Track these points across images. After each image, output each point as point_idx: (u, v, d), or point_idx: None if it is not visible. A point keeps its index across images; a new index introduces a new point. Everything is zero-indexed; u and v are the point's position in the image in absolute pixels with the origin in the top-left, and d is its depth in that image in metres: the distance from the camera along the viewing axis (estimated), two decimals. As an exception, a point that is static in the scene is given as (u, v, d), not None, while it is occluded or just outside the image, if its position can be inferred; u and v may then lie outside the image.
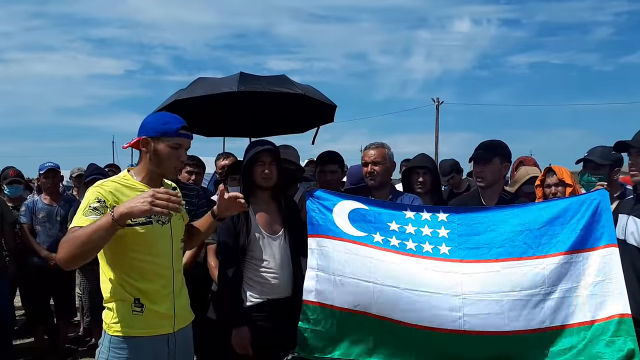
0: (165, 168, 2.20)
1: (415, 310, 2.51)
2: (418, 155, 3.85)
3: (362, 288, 2.62)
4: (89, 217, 1.95)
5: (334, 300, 2.66)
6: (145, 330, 2.12)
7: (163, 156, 2.16)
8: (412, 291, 2.53)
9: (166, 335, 2.18)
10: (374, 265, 2.63)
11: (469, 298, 2.47)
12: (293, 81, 3.62)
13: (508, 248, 2.55)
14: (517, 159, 5.43)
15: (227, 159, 4.35)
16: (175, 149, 2.17)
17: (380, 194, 3.22)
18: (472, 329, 2.44)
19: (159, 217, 2.15)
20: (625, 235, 2.49)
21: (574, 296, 2.43)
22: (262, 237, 2.79)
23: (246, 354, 2.72)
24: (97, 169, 4.69)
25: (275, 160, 2.85)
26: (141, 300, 2.11)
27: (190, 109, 3.66)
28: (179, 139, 2.17)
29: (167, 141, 2.15)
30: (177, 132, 2.16)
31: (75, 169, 6.25)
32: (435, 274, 2.56)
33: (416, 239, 2.66)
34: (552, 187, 3.29)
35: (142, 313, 2.11)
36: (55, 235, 4.72)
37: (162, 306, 2.16)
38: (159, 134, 2.15)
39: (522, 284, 2.47)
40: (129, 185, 2.16)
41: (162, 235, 2.19)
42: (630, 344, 2.30)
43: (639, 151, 2.45)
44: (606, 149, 3.47)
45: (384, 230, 2.71)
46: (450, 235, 2.64)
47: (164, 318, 2.17)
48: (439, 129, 30.17)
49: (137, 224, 2.09)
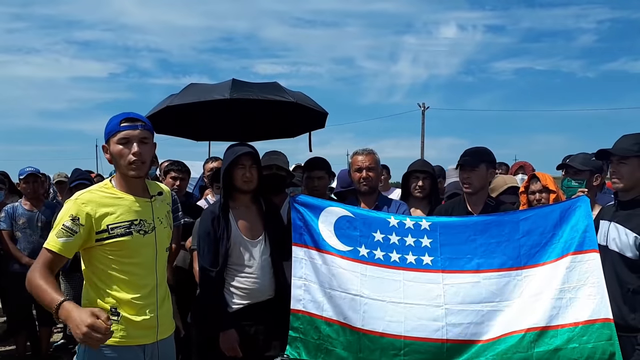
0: (122, 167, 2.13)
1: (401, 322, 2.62)
2: (418, 160, 3.90)
3: (349, 301, 2.71)
4: (60, 240, 2.01)
5: (322, 311, 2.73)
6: (121, 340, 2.09)
7: (116, 155, 2.12)
8: (397, 303, 2.66)
9: (143, 346, 2.14)
10: (359, 279, 2.73)
11: (451, 308, 2.59)
12: (285, 88, 3.63)
13: (488, 259, 2.64)
14: (516, 164, 5.52)
15: (216, 162, 4.35)
16: (124, 144, 2.10)
17: (368, 199, 3.28)
18: (455, 337, 2.54)
19: (140, 227, 2.13)
20: (607, 242, 2.52)
21: (556, 299, 2.48)
22: (242, 242, 2.80)
23: (236, 355, 2.74)
24: (82, 173, 4.63)
25: (256, 163, 2.85)
26: (118, 309, 2.08)
27: (181, 114, 3.66)
28: (123, 132, 2.10)
29: (114, 138, 2.11)
30: (119, 126, 2.10)
31: (56, 174, 6.17)
32: (418, 285, 2.67)
33: (400, 250, 2.75)
34: (537, 193, 3.36)
35: (118, 322, 2.07)
36: (37, 241, 4.64)
37: (141, 316, 2.13)
38: (107, 135, 2.14)
39: (503, 294, 2.57)
40: (109, 194, 2.14)
41: (144, 245, 2.16)
42: (611, 348, 2.34)
43: (619, 159, 2.49)
44: (587, 155, 3.55)
45: (368, 242, 2.79)
46: (433, 244, 2.73)
47: (142, 328, 2.14)
48: (424, 134, 30.36)
49: (115, 235, 2.07)
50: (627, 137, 2.55)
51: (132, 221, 2.12)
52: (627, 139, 2.54)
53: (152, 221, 2.20)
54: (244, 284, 2.80)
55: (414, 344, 2.57)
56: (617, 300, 2.42)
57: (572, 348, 2.40)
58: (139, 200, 2.18)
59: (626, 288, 2.42)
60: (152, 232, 2.18)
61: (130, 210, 2.14)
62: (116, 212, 2.10)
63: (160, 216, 2.26)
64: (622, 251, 2.44)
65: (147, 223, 2.17)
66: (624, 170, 2.48)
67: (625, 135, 2.57)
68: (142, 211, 2.18)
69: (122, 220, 2.10)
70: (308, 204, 2.89)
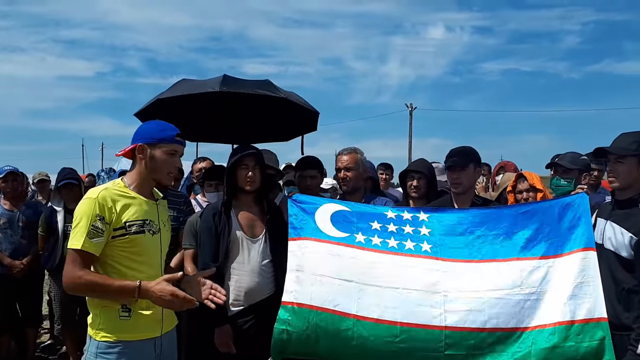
0: (161, 174, 2.23)
1: (397, 307, 2.53)
2: (417, 159, 3.88)
3: (344, 287, 2.60)
4: (93, 241, 2.05)
5: (312, 300, 2.61)
6: (133, 335, 2.14)
7: (160, 162, 2.21)
8: (395, 289, 2.56)
9: (153, 339, 2.20)
10: (356, 265, 2.64)
11: (449, 295, 2.52)
12: (277, 86, 3.60)
13: (488, 251, 2.61)
14: (498, 164, 5.56)
15: (204, 162, 4.31)
16: (171, 155, 2.23)
17: (353, 198, 3.26)
18: (453, 324, 2.47)
19: (150, 227, 2.19)
20: (603, 240, 2.52)
21: (553, 297, 2.48)
22: (242, 240, 2.82)
23: (229, 352, 2.75)
24: (70, 172, 4.52)
25: (259, 165, 2.87)
26: (128, 305, 2.12)
27: (172, 113, 3.60)
28: (175, 145, 2.23)
29: (164, 148, 2.21)
30: (174, 138, 2.22)
31: (37, 173, 6.06)
32: (417, 271, 2.60)
33: (398, 237, 2.69)
34: (524, 192, 3.37)
35: (129, 318, 2.12)
36: (18, 241, 4.56)
37: (150, 310, 2.17)
38: (156, 140, 2.20)
39: (502, 284, 2.52)
40: (122, 193, 2.18)
41: (152, 244, 2.23)
42: (604, 348, 2.36)
43: (617, 158, 2.48)
44: (575, 154, 3.62)
45: (365, 229, 2.73)
46: (432, 234, 2.69)
47: (152, 321, 2.18)
48: (412, 135, 30.50)
49: (131, 232, 2.12)
50: (626, 135, 2.53)
51: (144, 220, 2.19)
52: (625, 137, 2.52)
53: (157, 223, 2.27)
54: (242, 283, 2.81)
55: (411, 331, 2.49)
56: (611, 299, 2.43)
57: (569, 346, 2.40)
58: (148, 202, 2.26)
59: (621, 287, 2.43)
60: (158, 234, 2.26)
61: (142, 209, 2.20)
62: (132, 210, 2.16)
63: (163, 219, 2.34)
64: (617, 250, 2.44)
65: (154, 224, 2.24)
66: (621, 169, 2.47)
67: (624, 133, 2.55)
68: (151, 212, 2.25)
69: (137, 218, 2.17)
70: (305, 201, 2.87)
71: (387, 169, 5.78)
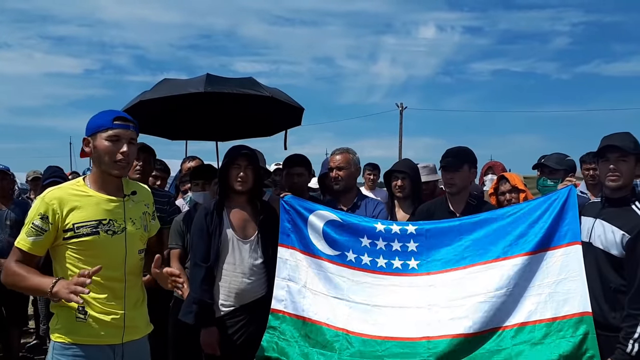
0: (107, 164, 2.08)
1: (385, 324, 2.65)
2: (402, 159, 3.92)
3: (334, 304, 2.74)
4: (30, 239, 2.03)
5: (304, 312, 2.75)
6: (88, 339, 2.06)
7: (102, 151, 2.07)
8: (382, 307, 2.69)
9: (113, 346, 2.11)
10: (346, 283, 2.77)
11: (433, 307, 2.62)
12: (261, 84, 3.58)
13: (475, 256, 2.66)
14: (487, 164, 5.56)
15: (193, 161, 4.30)
16: (113, 142, 2.07)
17: (346, 197, 3.29)
18: (437, 334, 2.56)
19: (108, 227, 2.10)
20: (591, 238, 2.49)
21: (536, 294, 2.51)
22: (233, 241, 2.80)
23: (214, 354, 2.73)
24: (56, 171, 4.52)
25: (252, 165, 2.84)
26: (85, 308, 2.05)
27: (156, 112, 3.57)
28: (115, 130, 2.07)
29: (103, 134, 2.06)
30: (112, 122, 2.07)
31: (31, 171, 6.05)
32: (404, 290, 2.71)
33: (387, 255, 2.79)
34: (507, 194, 3.39)
35: (85, 320, 2.05)
36: (6, 240, 4.47)
37: (109, 316, 2.09)
38: (94, 129, 2.09)
39: (486, 287, 2.57)
40: (78, 192, 2.10)
41: (112, 246, 2.11)
42: (588, 343, 2.38)
43: (621, 155, 2.43)
44: (561, 155, 3.66)
45: (356, 247, 2.82)
46: (419, 248, 2.76)
47: (111, 327, 2.09)
48: (402, 134, 30.51)
49: (81, 234, 2.04)
50: (621, 135, 2.49)
51: (100, 220, 2.08)
52: (622, 137, 2.48)
53: (122, 221, 2.15)
54: (233, 284, 2.79)
55: (397, 344, 2.58)
56: (598, 298, 2.43)
57: (551, 341, 2.42)
58: (111, 199, 2.14)
59: (608, 286, 2.41)
60: (122, 233, 2.14)
61: (100, 209, 2.10)
62: (84, 210, 2.06)
63: (133, 217, 2.19)
64: (607, 249, 2.41)
65: (116, 223, 2.12)
66: (624, 167, 2.42)
67: (616, 133, 2.51)
68: (113, 211, 2.13)
69: (89, 220, 2.06)
70: (297, 206, 2.90)
71: (374, 169, 5.76)
